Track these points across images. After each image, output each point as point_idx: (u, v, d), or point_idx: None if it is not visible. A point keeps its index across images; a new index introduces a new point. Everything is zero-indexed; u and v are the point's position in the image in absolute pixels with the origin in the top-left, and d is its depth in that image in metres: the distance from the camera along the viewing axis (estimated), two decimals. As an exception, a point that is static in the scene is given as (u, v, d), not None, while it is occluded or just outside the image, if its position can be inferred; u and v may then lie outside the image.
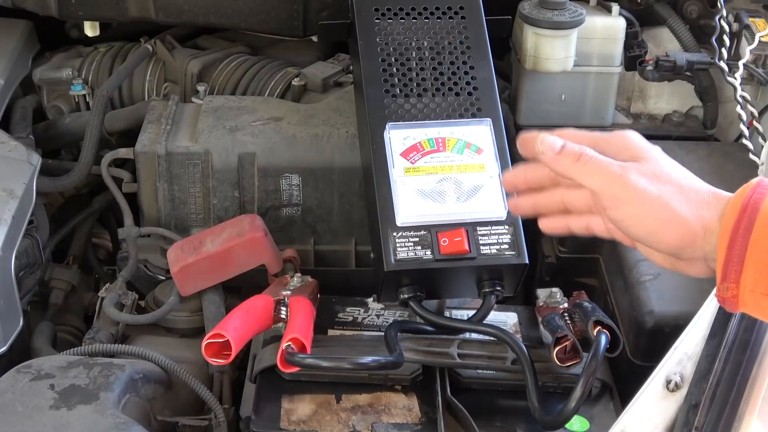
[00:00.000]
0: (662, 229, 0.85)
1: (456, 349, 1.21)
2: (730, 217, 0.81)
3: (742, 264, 0.80)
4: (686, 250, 0.86)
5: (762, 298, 0.80)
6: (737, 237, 0.80)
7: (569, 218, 0.96)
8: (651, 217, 0.86)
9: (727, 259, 0.81)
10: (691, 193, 0.86)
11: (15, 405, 1.08)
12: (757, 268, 0.80)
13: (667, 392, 0.97)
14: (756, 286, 0.80)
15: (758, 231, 0.79)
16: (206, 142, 1.46)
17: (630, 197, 0.86)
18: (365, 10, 1.35)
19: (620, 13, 1.62)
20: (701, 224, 0.84)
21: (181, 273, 1.36)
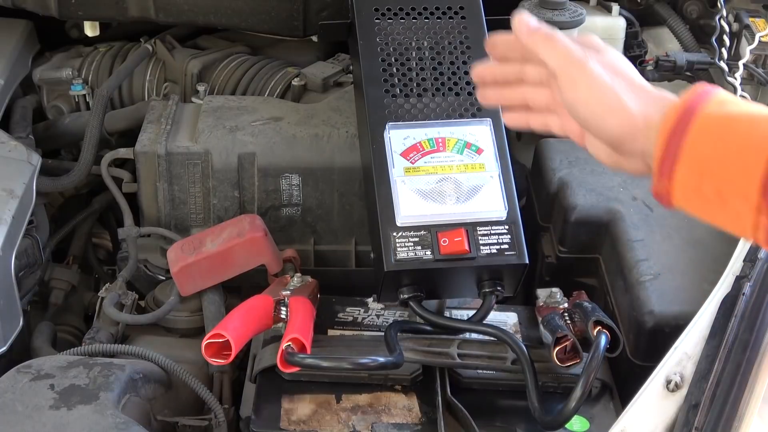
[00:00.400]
0: (607, 115, 0.91)
1: (456, 349, 1.21)
2: (670, 118, 0.86)
3: (676, 160, 0.85)
4: (626, 143, 0.91)
5: (692, 194, 0.86)
6: (674, 136, 0.85)
7: (530, 115, 1.04)
8: (599, 103, 0.91)
9: (663, 156, 0.86)
10: (640, 91, 0.92)
11: (15, 405, 1.08)
12: (689, 164, 0.85)
13: (667, 392, 0.97)
14: (687, 181, 0.85)
15: (694, 131, 0.85)
16: (206, 142, 1.46)
17: (585, 81, 0.92)
18: (365, 10, 1.35)
19: (620, 13, 1.62)
20: (644, 119, 0.90)
21: (181, 273, 1.36)
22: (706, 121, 0.85)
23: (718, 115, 0.85)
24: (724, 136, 0.84)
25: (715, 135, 0.84)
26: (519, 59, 1.02)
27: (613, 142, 0.93)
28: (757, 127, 0.83)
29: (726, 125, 0.85)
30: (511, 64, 1.02)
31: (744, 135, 0.83)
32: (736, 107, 0.86)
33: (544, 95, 1.01)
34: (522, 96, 1.03)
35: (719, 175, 0.84)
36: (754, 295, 1.00)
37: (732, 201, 0.83)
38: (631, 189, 1.41)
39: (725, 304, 1.02)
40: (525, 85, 1.02)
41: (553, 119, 1.01)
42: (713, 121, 0.85)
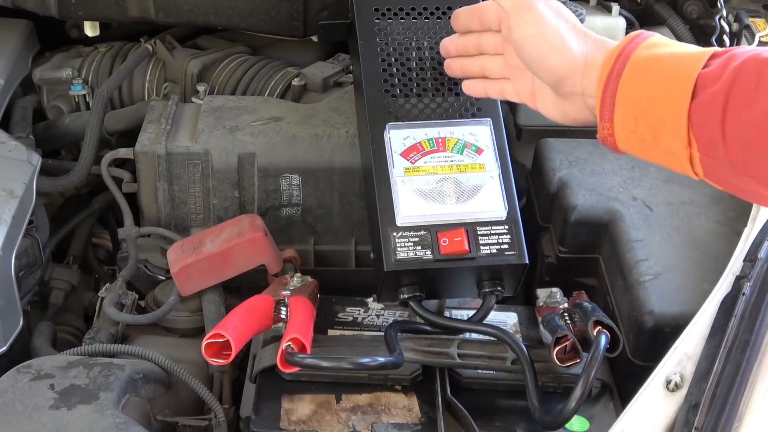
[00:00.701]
0: (550, 53, 0.97)
1: (456, 349, 1.21)
2: (607, 63, 0.92)
3: (613, 104, 0.91)
4: (567, 81, 0.97)
5: (630, 134, 0.90)
6: (610, 80, 0.91)
7: (487, 83, 1.13)
8: (543, 40, 0.98)
9: (602, 100, 0.91)
10: (582, 34, 0.98)
11: (15, 405, 1.08)
12: (624, 106, 0.90)
13: (667, 392, 0.97)
14: (624, 123, 0.90)
15: (626, 74, 0.90)
16: (206, 142, 1.46)
17: (532, 20, 0.99)
18: (365, 10, 1.35)
19: (620, 13, 1.62)
20: (584, 58, 0.95)
21: (181, 273, 1.37)
22: (635, 64, 0.90)
23: (646, 57, 0.90)
24: (651, 76, 0.88)
25: (643, 76, 0.89)
26: (478, 29, 1.11)
27: (555, 80, 0.98)
28: (680, 65, 0.87)
29: (652, 66, 0.89)
30: (471, 36, 1.12)
31: (668, 74, 0.87)
32: (665, 48, 0.90)
33: (499, 63, 1.10)
34: (481, 65, 1.12)
35: (651, 115, 0.88)
36: (754, 295, 1.00)
37: (665, 139, 0.87)
38: (631, 189, 1.41)
39: (725, 304, 1.02)
40: (484, 56, 1.12)
41: (508, 85, 1.09)
42: (641, 63, 0.90)
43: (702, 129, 0.85)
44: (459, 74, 1.16)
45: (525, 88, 1.07)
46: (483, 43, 1.11)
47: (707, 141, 0.85)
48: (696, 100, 0.85)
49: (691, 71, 0.86)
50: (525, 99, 1.08)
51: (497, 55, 1.10)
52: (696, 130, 0.86)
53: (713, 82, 0.84)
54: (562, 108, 1.02)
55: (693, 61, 0.87)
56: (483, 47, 1.12)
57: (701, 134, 0.85)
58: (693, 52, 0.89)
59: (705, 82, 0.85)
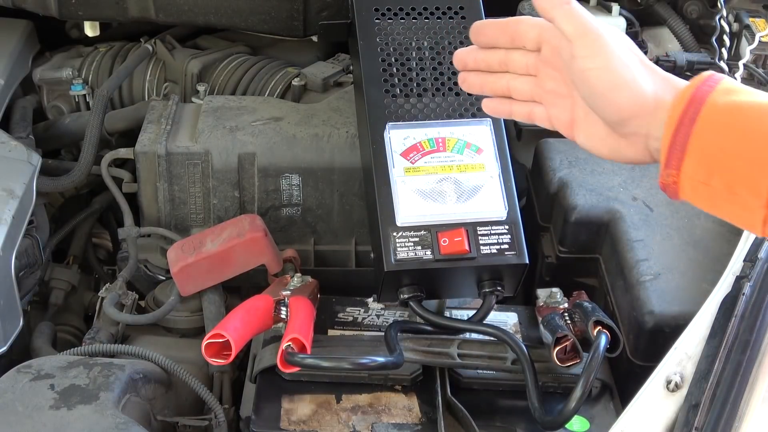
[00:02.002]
0: (620, 88, 0.88)
1: (456, 349, 1.21)
2: (679, 105, 0.84)
3: (684, 152, 0.84)
4: (633, 121, 0.89)
5: (699, 186, 0.84)
6: (682, 125, 0.83)
7: (513, 104, 1.02)
8: (615, 74, 0.89)
9: (671, 145, 0.84)
10: (650, 70, 0.90)
11: (15, 405, 1.08)
12: (697, 156, 0.83)
13: (667, 392, 0.97)
14: (695, 174, 0.83)
15: (701, 122, 0.83)
16: (206, 142, 1.46)
17: (602, 49, 0.89)
18: (365, 10, 1.35)
19: (620, 13, 1.62)
20: (654, 98, 0.88)
21: (181, 273, 1.36)
22: (713, 112, 0.83)
23: (726, 105, 0.83)
24: (733, 127, 0.82)
25: (723, 126, 0.82)
26: (506, 46, 1.01)
27: (620, 120, 0.90)
28: (766, 118, 0.81)
29: (734, 116, 0.83)
30: (496, 52, 1.01)
31: (753, 127, 0.81)
32: (744, 96, 0.84)
33: (529, 84, 0.99)
34: (506, 84, 1.02)
35: (729, 169, 0.82)
36: (754, 295, 1.00)
37: (742, 195, 0.82)
38: (631, 189, 1.41)
39: (725, 304, 1.02)
40: (509, 74, 1.01)
41: (539, 109, 0.99)
42: (721, 111, 0.83)
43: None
44: (478, 90, 1.05)
45: (562, 117, 0.97)
46: (511, 61, 1.00)
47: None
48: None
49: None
50: (560, 127, 0.98)
51: (527, 76, 0.99)
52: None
53: None
54: (615, 146, 0.92)
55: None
56: (510, 65, 1.01)
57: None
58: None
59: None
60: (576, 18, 0.91)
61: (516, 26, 1.00)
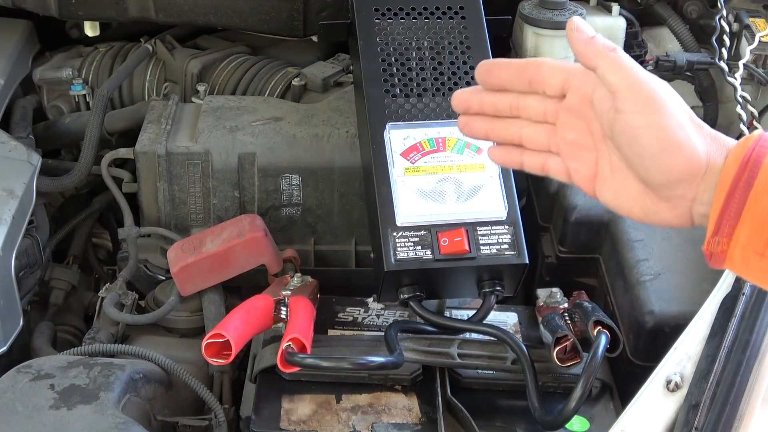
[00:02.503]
0: (674, 150, 0.80)
1: (456, 349, 1.21)
2: (731, 168, 0.77)
3: (738, 218, 0.77)
4: (683, 185, 0.81)
5: (753, 256, 0.77)
6: (736, 190, 0.77)
7: (524, 153, 0.91)
8: (669, 133, 0.79)
9: (723, 211, 0.78)
10: (700, 128, 0.82)
11: (15, 405, 1.08)
12: (754, 225, 0.76)
13: (667, 392, 0.97)
14: (749, 243, 0.77)
15: (759, 186, 0.76)
16: (206, 142, 1.46)
17: (655, 106, 0.80)
18: (365, 10, 1.35)
19: (620, 13, 1.62)
20: (707, 160, 0.80)
21: (181, 273, 1.36)
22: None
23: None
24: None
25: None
26: (521, 90, 0.89)
27: (667, 182, 0.81)
28: None
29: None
30: (507, 95, 0.90)
31: None
32: None
33: (544, 133, 0.89)
34: (517, 131, 0.90)
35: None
36: (754, 295, 1.00)
37: None
38: (631, 189, 1.41)
39: (725, 304, 1.02)
40: (521, 120, 0.90)
41: (554, 161, 0.89)
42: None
43: None
44: (482, 137, 0.94)
45: (583, 170, 0.87)
46: (525, 106, 0.89)
47: None
48: None
49: None
50: (580, 181, 0.88)
51: (543, 124, 0.89)
52: None
53: None
54: (651, 207, 0.84)
55: None
56: (524, 111, 0.90)
57: None
58: None
59: None
60: (625, 69, 0.81)
61: (537, 69, 0.88)
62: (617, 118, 0.81)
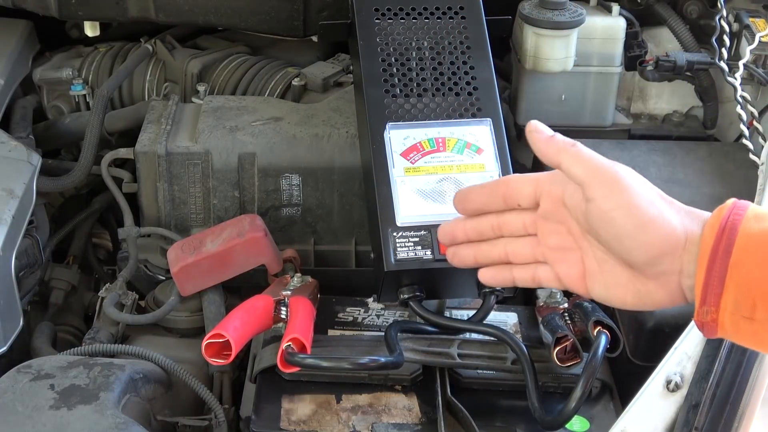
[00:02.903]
0: (648, 226, 0.82)
1: (456, 349, 1.21)
2: (709, 238, 0.79)
3: (722, 287, 0.78)
4: (664, 260, 0.83)
5: (742, 321, 0.78)
6: (716, 258, 0.78)
7: (513, 269, 0.95)
8: (640, 210, 0.83)
9: (707, 281, 0.79)
10: (672, 203, 0.85)
11: (15, 405, 1.08)
12: (738, 291, 0.78)
13: (667, 392, 0.97)
14: (736, 309, 0.78)
15: (738, 253, 0.78)
16: (206, 142, 1.46)
17: (621, 187, 0.84)
18: (365, 10, 1.35)
19: (620, 13, 1.62)
20: (684, 232, 0.82)
21: (181, 273, 1.36)
22: (748, 241, 0.77)
23: (762, 232, 0.78)
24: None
25: (762, 255, 0.77)
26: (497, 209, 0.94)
27: (649, 259, 0.83)
28: None
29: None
30: (487, 217, 0.95)
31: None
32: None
33: (528, 245, 0.93)
34: (503, 250, 0.95)
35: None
36: (754, 295, 1.00)
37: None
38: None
39: (725, 304, 1.02)
40: (505, 238, 0.94)
41: (543, 270, 0.92)
42: (757, 239, 0.77)
43: None
44: (472, 264, 0.98)
45: (572, 272, 0.90)
46: (505, 223, 0.94)
47: None
48: None
49: None
50: (571, 284, 0.91)
51: (525, 237, 0.93)
52: None
53: None
54: (642, 290, 0.86)
55: None
56: (505, 228, 0.94)
57: None
58: None
59: None
60: (586, 159, 0.86)
61: (506, 187, 0.93)
62: (589, 207, 0.85)
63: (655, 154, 1.51)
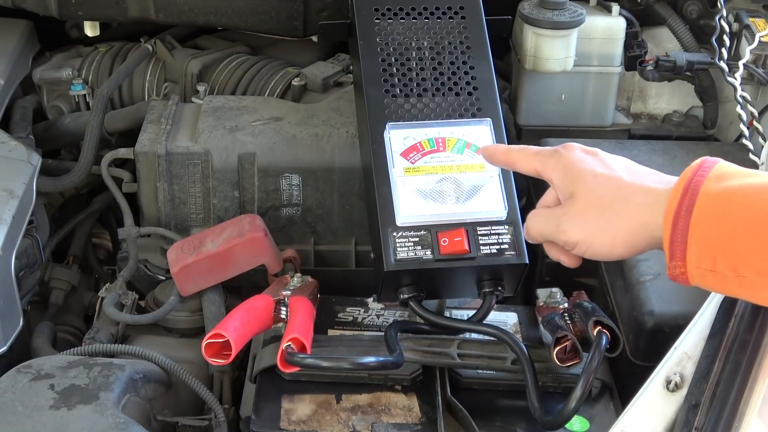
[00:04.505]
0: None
1: (456, 349, 1.21)
2: (674, 199, 0.86)
3: (685, 243, 0.85)
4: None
5: (707, 273, 0.85)
6: (679, 218, 0.85)
7: None
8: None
9: (672, 239, 0.86)
10: (648, 170, 0.94)
11: (15, 405, 1.08)
12: (699, 246, 0.85)
13: (667, 392, 0.97)
14: (700, 263, 0.85)
15: (697, 211, 0.84)
16: (206, 142, 1.46)
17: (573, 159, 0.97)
18: (365, 10, 1.35)
19: (620, 13, 1.62)
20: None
21: (181, 273, 1.37)
22: (707, 200, 0.84)
23: (718, 192, 0.84)
24: (728, 213, 0.83)
25: (718, 214, 0.83)
26: None
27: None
28: (759, 200, 0.82)
29: (727, 202, 0.84)
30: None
31: (748, 210, 0.82)
32: (737, 180, 0.85)
33: None
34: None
35: (732, 254, 0.83)
36: (754, 295, 1.00)
37: (749, 277, 0.83)
38: (631, 189, 1.41)
39: (725, 304, 1.02)
40: None
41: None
42: (714, 199, 0.84)
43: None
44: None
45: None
46: None
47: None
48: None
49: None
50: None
51: None
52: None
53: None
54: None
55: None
56: None
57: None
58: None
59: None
60: (531, 153, 1.02)
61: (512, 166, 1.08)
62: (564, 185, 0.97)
63: (655, 154, 1.51)
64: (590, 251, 0.96)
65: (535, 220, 1.01)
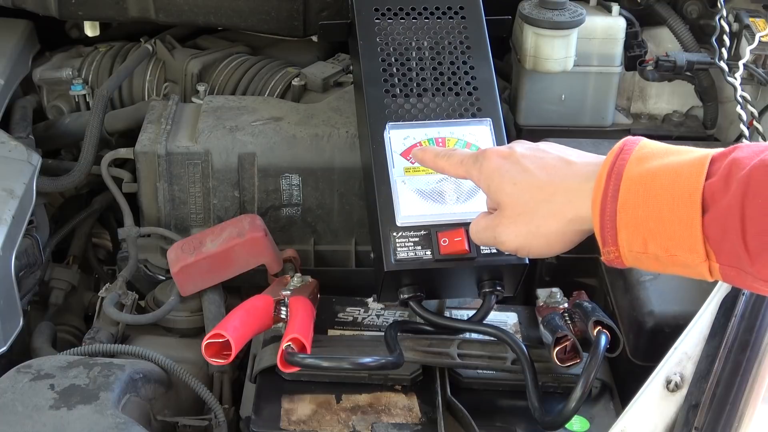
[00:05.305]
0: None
1: (456, 349, 1.21)
2: (599, 185, 0.88)
3: (615, 229, 0.87)
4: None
5: (640, 255, 0.87)
6: (606, 204, 0.87)
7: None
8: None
9: (602, 225, 0.88)
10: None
11: (15, 405, 1.08)
12: (628, 230, 0.86)
13: (667, 392, 0.97)
14: (632, 246, 0.86)
15: (623, 196, 0.86)
16: (206, 142, 1.46)
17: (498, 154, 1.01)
18: (365, 10, 1.35)
19: (620, 13, 1.62)
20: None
21: (181, 273, 1.37)
22: (630, 184, 0.86)
23: (640, 174, 0.86)
24: (652, 195, 0.84)
25: (642, 196, 0.85)
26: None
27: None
28: (680, 180, 0.83)
29: (650, 184, 0.85)
30: None
31: (670, 190, 0.83)
32: (657, 161, 0.86)
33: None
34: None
35: (661, 234, 0.84)
36: (754, 295, 1.00)
37: (681, 255, 0.84)
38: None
39: (725, 304, 1.02)
40: None
41: None
42: (637, 181, 0.86)
43: (721, 243, 0.82)
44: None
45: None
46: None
47: (729, 254, 0.82)
48: (709, 214, 0.82)
49: (694, 184, 0.82)
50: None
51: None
52: (714, 244, 0.82)
53: (722, 194, 0.81)
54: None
55: (694, 172, 0.83)
56: None
57: (721, 248, 0.82)
58: (690, 160, 0.85)
59: (713, 194, 0.82)
60: (456, 156, 1.08)
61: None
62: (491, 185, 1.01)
63: (655, 154, 1.51)
64: (531, 254, 1.00)
65: (475, 229, 1.06)
